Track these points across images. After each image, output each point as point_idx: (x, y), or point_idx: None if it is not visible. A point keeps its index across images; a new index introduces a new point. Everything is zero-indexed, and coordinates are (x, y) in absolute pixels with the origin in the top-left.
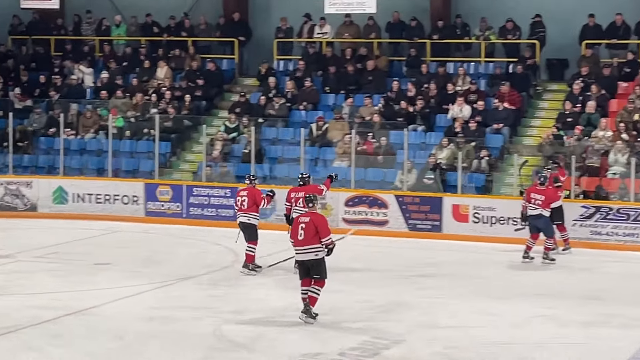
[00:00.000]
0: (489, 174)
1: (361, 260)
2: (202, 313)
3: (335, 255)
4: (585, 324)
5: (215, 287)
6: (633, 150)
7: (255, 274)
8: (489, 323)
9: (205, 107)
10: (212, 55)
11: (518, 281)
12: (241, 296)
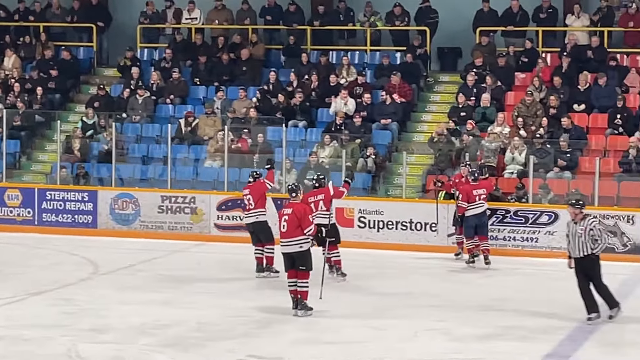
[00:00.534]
0: (375, 174)
1: (235, 271)
2: (54, 332)
3: (207, 264)
4: (481, 337)
5: (71, 303)
6: (531, 147)
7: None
8: (374, 338)
9: (59, 100)
10: (66, 43)
11: (409, 292)
12: (99, 312)
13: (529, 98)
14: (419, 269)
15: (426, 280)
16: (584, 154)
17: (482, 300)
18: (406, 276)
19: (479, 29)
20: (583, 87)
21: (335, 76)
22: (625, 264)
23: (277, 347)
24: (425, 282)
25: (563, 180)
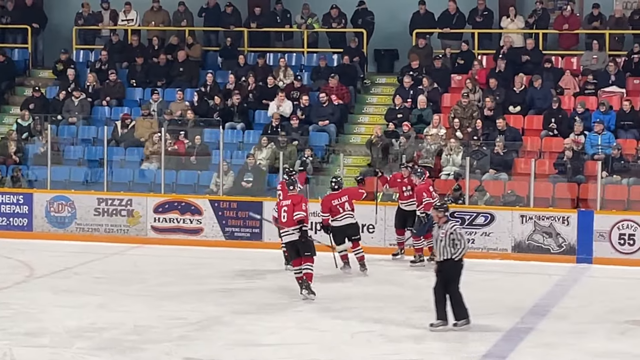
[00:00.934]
0: (313, 175)
1: (172, 273)
2: None
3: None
4: (417, 338)
5: (6, 307)
6: (468, 149)
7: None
8: (311, 339)
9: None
10: (1, 45)
11: (346, 293)
12: (34, 316)
13: (465, 100)
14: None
15: (363, 281)
16: (520, 156)
17: (419, 301)
18: (343, 278)
19: (416, 31)
20: (518, 89)
21: (272, 78)
22: (560, 265)
23: (214, 350)
24: (362, 283)
25: (499, 182)
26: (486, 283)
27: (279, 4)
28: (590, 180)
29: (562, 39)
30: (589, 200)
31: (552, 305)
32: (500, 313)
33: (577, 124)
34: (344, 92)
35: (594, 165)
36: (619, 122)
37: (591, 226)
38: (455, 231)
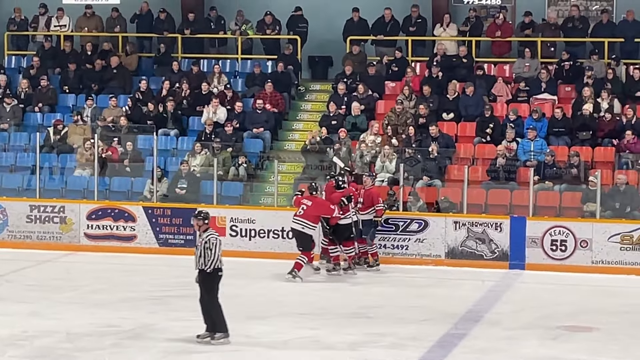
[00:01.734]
0: (247, 182)
1: (105, 281)
2: None
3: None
4: (351, 345)
5: None
6: (402, 155)
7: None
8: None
9: None
10: None
11: (280, 300)
12: None
13: (399, 107)
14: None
15: (297, 288)
16: (453, 162)
17: (353, 308)
18: (277, 284)
19: (350, 38)
20: (452, 96)
21: (206, 84)
22: (493, 271)
23: (147, 358)
24: (296, 290)
25: (432, 188)
26: (420, 289)
27: (213, 10)
28: (522, 186)
29: (495, 47)
30: (522, 206)
31: (485, 311)
32: (434, 319)
33: (510, 131)
34: (279, 98)
35: (526, 171)
36: (551, 129)
37: (523, 232)
38: (210, 241)
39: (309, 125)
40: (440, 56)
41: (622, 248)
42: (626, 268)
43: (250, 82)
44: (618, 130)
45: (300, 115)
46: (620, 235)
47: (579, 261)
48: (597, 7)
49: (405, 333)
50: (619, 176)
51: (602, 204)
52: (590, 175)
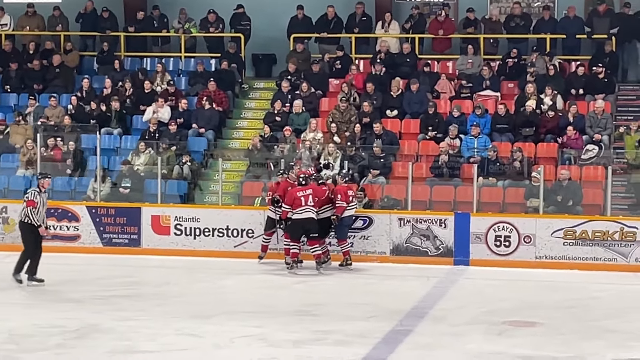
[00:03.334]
0: (191, 181)
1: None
2: None
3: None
4: (297, 342)
5: None
6: (346, 153)
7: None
8: (191, 345)
9: None
10: None
11: (226, 299)
12: None
13: (342, 104)
14: (234, 275)
15: (242, 286)
16: (397, 159)
17: (298, 305)
18: (222, 282)
19: (293, 36)
20: (395, 93)
21: (149, 83)
22: (438, 267)
23: (92, 358)
24: (241, 288)
25: (377, 185)
26: (365, 286)
27: (155, 9)
28: (466, 183)
29: (437, 44)
30: (466, 202)
31: (430, 307)
32: (379, 316)
33: (453, 127)
34: (222, 97)
35: (470, 168)
36: (494, 126)
37: (468, 228)
38: None
39: (253, 123)
40: (384, 54)
41: (566, 243)
42: (569, 263)
43: (194, 81)
44: (560, 127)
45: (245, 113)
46: (564, 231)
47: (522, 256)
48: (539, 3)
49: (350, 330)
50: (562, 172)
51: (545, 200)
52: (533, 171)
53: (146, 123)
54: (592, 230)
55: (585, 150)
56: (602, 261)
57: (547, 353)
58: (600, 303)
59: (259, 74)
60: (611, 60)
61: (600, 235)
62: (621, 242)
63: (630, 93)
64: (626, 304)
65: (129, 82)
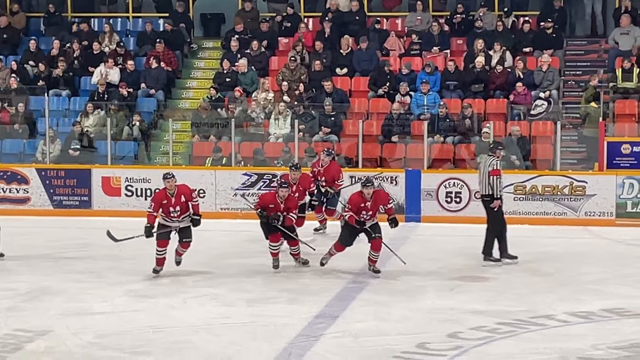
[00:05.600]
0: (141, 141)
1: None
2: None
3: None
4: (250, 301)
5: None
6: (296, 112)
7: None
8: (144, 307)
9: None
10: None
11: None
12: None
13: (292, 63)
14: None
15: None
16: (348, 117)
17: (250, 266)
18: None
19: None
20: (345, 51)
21: (98, 44)
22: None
23: (45, 320)
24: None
25: (328, 144)
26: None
27: None
28: (416, 140)
29: (386, 0)
30: (416, 159)
31: (382, 264)
32: (332, 274)
33: (403, 85)
34: (171, 57)
35: (420, 125)
36: (444, 83)
37: (419, 185)
38: None
39: (202, 83)
40: (333, 12)
41: (516, 198)
42: (520, 218)
43: (142, 41)
44: (509, 83)
45: (194, 73)
46: (514, 186)
47: (473, 212)
48: None
49: (303, 289)
50: (513, 127)
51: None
52: (483, 127)
53: (95, 84)
54: (542, 185)
55: (535, 106)
56: (552, 216)
57: (499, 308)
58: (551, 257)
59: (208, 34)
60: (559, 16)
61: (550, 189)
62: (571, 197)
63: (578, 48)
64: (576, 257)
65: (77, 43)
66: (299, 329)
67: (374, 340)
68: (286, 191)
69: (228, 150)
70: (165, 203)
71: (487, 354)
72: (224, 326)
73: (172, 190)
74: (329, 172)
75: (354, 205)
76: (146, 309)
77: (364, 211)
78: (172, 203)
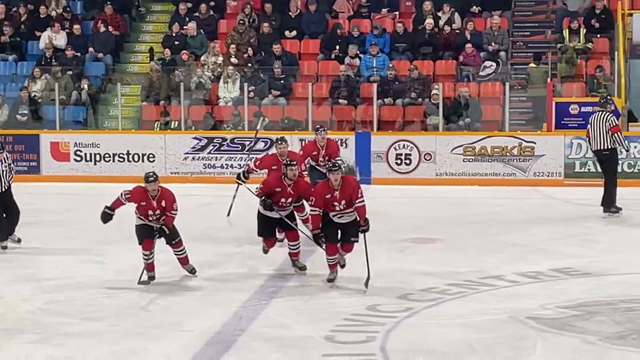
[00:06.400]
0: (90, 106)
1: None
2: None
3: None
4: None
5: None
6: (245, 75)
7: None
8: (94, 272)
9: None
10: None
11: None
12: None
13: (241, 26)
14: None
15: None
16: (297, 80)
17: (202, 228)
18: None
19: None
20: (294, 13)
21: (44, 7)
22: None
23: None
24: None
25: (277, 107)
26: None
27: None
28: (366, 102)
29: None
30: (366, 122)
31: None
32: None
33: (352, 47)
34: (119, 21)
35: (369, 87)
36: (393, 45)
37: (369, 148)
38: None
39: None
40: None
41: (465, 160)
42: (469, 179)
43: (90, 5)
44: (458, 44)
45: (142, 37)
46: (463, 147)
47: (423, 174)
48: None
49: (254, 251)
50: (462, 89)
51: (445, 117)
52: (433, 89)
53: (42, 49)
54: (491, 146)
55: (483, 67)
56: (501, 176)
57: (449, 269)
58: (500, 218)
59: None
60: None
61: (499, 150)
62: (520, 157)
63: (526, 9)
64: (525, 217)
65: (23, 7)
66: (250, 292)
67: (325, 302)
68: (296, 170)
69: (178, 115)
70: (144, 205)
71: (437, 315)
72: (175, 291)
73: (154, 194)
74: (329, 150)
75: (319, 198)
76: (96, 274)
77: (335, 202)
78: (153, 206)
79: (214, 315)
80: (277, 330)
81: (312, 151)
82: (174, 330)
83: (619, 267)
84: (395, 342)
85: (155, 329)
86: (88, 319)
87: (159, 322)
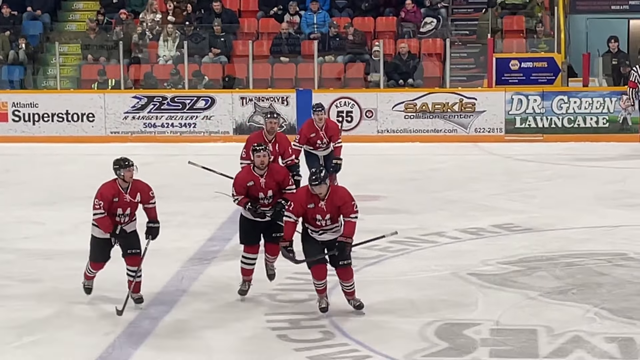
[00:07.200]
0: (28, 65)
1: None
2: None
3: None
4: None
5: None
6: (185, 33)
7: None
8: (34, 233)
9: None
10: None
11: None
12: None
13: None
14: (76, 161)
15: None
16: (238, 38)
17: None
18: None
19: None
20: None
21: None
22: None
23: None
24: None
25: (218, 65)
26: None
27: None
28: (307, 59)
29: None
30: (307, 79)
31: None
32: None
33: (292, 4)
34: None
35: (310, 44)
36: (333, 1)
37: (310, 105)
38: None
39: (89, 5)
40: None
41: (407, 116)
42: (411, 136)
43: None
44: (399, 1)
45: None
46: (404, 104)
47: (365, 131)
48: None
49: (195, 211)
50: (402, 45)
51: (386, 74)
52: (373, 46)
53: None
54: (432, 103)
55: (424, 23)
56: (442, 133)
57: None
58: (442, 174)
59: None
60: None
61: (440, 107)
62: (461, 113)
63: None
64: (467, 174)
65: None
66: (191, 252)
67: None
68: (264, 157)
69: (117, 74)
70: (116, 201)
71: (379, 273)
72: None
73: (125, 185)
74: (329, 132)
75: (298, 204)
76: (36, 235)
77: (318, 215)
78: (125, 202)
79: (155, 275)
80: (219, 291)
81: (309, 134)
82: (115, 292)
83: (558, 223)
84: (338, 301)
85: (96, 289)
86: (28, 281)
87: (98, 283)
